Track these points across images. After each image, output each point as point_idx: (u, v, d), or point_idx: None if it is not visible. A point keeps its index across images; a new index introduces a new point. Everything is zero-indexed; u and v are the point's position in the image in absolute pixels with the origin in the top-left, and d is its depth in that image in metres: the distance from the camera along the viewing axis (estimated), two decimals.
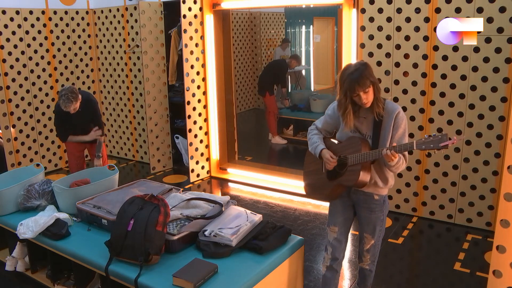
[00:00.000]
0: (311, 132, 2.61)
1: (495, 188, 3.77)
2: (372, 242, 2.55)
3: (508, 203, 2.24)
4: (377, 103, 2.31)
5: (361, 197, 2.49)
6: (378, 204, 2.48)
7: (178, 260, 2.44)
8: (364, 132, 2.41)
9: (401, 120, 2.34)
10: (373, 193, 2.46)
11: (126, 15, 5.83)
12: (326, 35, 7.68)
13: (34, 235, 2.83)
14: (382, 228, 2.55)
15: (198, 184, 5.35)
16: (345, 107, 2.33)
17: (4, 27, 5.27)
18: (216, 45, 5.28)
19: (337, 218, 2.56)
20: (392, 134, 2.33)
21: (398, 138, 2.33)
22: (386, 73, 4.05)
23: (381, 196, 2.48)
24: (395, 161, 2.25)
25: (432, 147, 2.13)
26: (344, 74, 2.27)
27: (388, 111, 2.35)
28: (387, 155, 2.21)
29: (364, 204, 2.49)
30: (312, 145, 2.54)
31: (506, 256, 2.28)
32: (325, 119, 2.56)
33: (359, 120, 2.40)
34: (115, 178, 3.41)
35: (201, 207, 2.81)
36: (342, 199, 2.55)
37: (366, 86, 2.22)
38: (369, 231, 2.53)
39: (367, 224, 2.52)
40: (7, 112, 5.35)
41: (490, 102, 3.65)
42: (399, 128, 2.33)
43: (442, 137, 2.11)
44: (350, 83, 2.22)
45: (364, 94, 2.24)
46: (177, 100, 5.72)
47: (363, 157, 2.30)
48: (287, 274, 2.57)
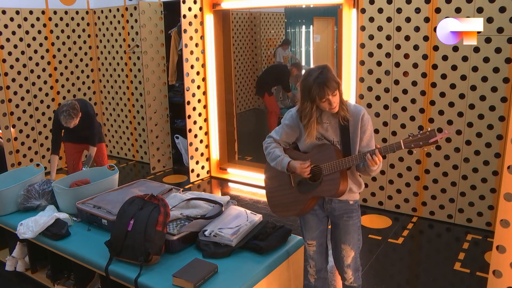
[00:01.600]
0: (269, 146, 2.40)
1: (495, 188, 3.77)
2: (353, 254, 2.41)
3: (508, 203, 2.24)
4: (342, 106, 2.20)
5: (336, 206, 2.36)
6: (354, 209, 2.38)
7: (178, 260, 2.44)
8: (331, 138, 2.27)
9: (367, 122, 2.24)
10: (348, 199, 2.36)
11: (126, 15, 5.83)
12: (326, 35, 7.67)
13: (34, 235, 2.83)
14: (360, 237, 2.43)
15: (198, 184, 5.35)
16: (310, 115, 2.18)
17: (4, 27, 5.27)
18: (216, 45, 5.28)
19: (313, 232, 2.45)
20: (361, 137, 2.24)
21: (367, 141, 2.25)
22: (386, 73, 4.05)
23: (355, 201, 2.39)
24: (378, 165, 2.17)
25: (422, 144, 2.05)
26: (308, 79, 2.12)
27: (353, 114, 2.23)
28: (371, 160, 2.12)
29: (340, 212, 2.37)
30: (275, 159, 2.33)
31: (506, 256, 2.28)
32: (284, 130, 2.37)
33: (323, 126, 2.26)
34: (115, 178, 3.41)
35: (201, 207, 2.81)
36: (314, 212, 2.41)
37: (334, 88, 2.11)
38: (348, 241, 2.39)
39: (346, 234, 2.38)
40: (7, 112, 5.35)
41: (490, 102, 3.65)
42: (367, 130, 2.24)
43: (430, 133, 2.03)
44: (319, 87, 2.08)
45: (333, 98, 2.12)
46: (177, 100, 5.72)
47: (341, 165, 2.18)
48: (287, 274, 2.56)
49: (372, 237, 3.84)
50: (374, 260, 3.47)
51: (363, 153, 2.15)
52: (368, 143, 2.26)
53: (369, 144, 2.26)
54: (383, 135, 4.19)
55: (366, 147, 2.25)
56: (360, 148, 2.25)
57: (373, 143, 2.28)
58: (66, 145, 4.28)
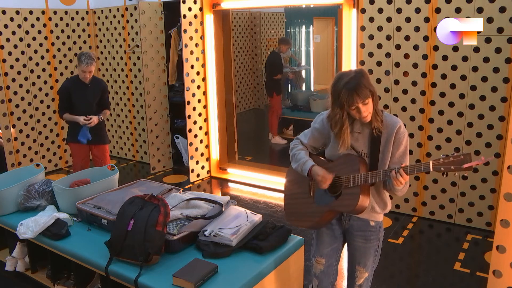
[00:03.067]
0: (295, 148, 2.26)
1: (495, 188, 3.77)
2: (366, 276, 2.24)
3: (508, 203, 2.24)
4: (376, 116, 2.03)
5: (354, 223, 2.18)
6: (374, 231, 2.18)
7: (178, 260, 2.44)
8: (359, 149, 2.10)
9: (402, 136, 2.05)
10: (369, 219, 2.16)
11: (126, 15, 5.83)
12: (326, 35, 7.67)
13: (34, 235, 2.83)
14: (376, 259, 2.26)
15: (198, 184, 5.35)
16: (342, 123, 2.02)
17: (4, 27, 5.27)
18: (216, 45, 5.28)
19: (324, 248, 2.26)
20: (392, 152, 2.05)
21: (399, 157, 2.05)
22: (386, 73, 4.05)
23: (377, 222, 2.19)
24: (404, 185, 1.97)
25: (453, 168, 1.84)
26: (339, 84, 1.95)
27: (388, 126, 2.05)
28: (396, 178, 1.91)
29: (358, 232, 2.19)
30: (298, 161, 2.19)
31: (506, 256, 2.28)
32: (312, 134, 2.23)
33: (353, 136, 2.09)
34: (115, 178, 3.41)
35: (201, 207, 2.81)
36: (331, 227, 2.24)
37: (365, 96, 1.93)
38: (363, 263, 2.21)
39: (361, 256, 2.21)
40: (7, 112, 5.35)
41: (490, 102, 3.65)
42: (400, 146, 2.05)
43: (465, 157, 1.83)
44: (348, 94, 1.91)
45: (364, 106, 1.95)
46: (177, 100, 5.72)
47: (363, 179, 2.00)
48: (287, 274, 2.56)
49: None
50: None
51: (387, 170, 1.96)
52: (401, 160, 2.05)
53: (401, 161, 2.05)
54: None
55: (398, 164, 2.03)
56: (391, 164, 2.05)
57: (407, 160, 2.07)
58: (73, 146, 4.25)
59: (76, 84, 4.10)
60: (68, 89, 4.08)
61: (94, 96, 4.18)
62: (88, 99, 4.14)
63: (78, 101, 4.11)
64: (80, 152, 4.25)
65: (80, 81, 4.10)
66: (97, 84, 4.23)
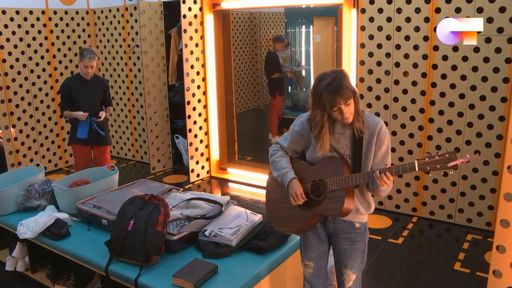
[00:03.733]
0: (275, 154, 2.22)
1: (495, 188, 3.77)
2: (354, 278, 2.22)
3: (508, 203, 2.24)
4: (357, 116, 1.99)
5: (340, 226, 2.15)
6: (359, 233, 2.16)
7: (178, 260, 2.44)
8: (341, 151, 2.07)
9: (384, 136, 2.02)
10: (354, 221, 2.14)
11: (126, 15, 5.83)
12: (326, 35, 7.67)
13: (34, 235, 2.83)
14: (364, 260, 2.24)
15: (198, 184, 5.35)
16: (322, 125, 1.98)
17: (4, 27, 5.27)
18: (216, 45, 5.28)
19: (312, 252, 2.25)
20: (375, 152, 2.03)
21: (381, 157, 2.03)
22: (386, 73, 4.05)
23: (362, 224, 2.17)
24: (388, 185, 1.96)
25: (439, 167, 1.83)
26: (320, 85, 1.91)
27: (369, 126, 2.02)
28: (381, 179, 1.90)
29: (343, 235, 2.16)
30: (279, 170, 2.15)
31: (506, 256, 2.28)
32: (293, 137, 2.18)
33: (335, 137, 2.06)
34: (115, 178, 3.41)
35: (201, 207, 2.81)
36: (316, 231, 2.21)
37: (348, 97, 1.90)
38: (350, 266, 2.19)
39: (347, 258, 2.19)
40: (7, 112, 5.35)
41: (490, 102, 3.65)
42: (382, 146, 2.03)
43: (450, 155, 1.81)
44: (331, 95, 1.88)
45: (346, 107, 1.92)
46: (177, 100, 5.72)
47: (347, 182, 1.97)
48: (287, 274, 2.56)
49: (372, 237, 3.83)
50: (374, 260, 3.46)
51: (372, 171, 1.94)
52: (383, 160, 2.03)
53: (383, 161, 2.03)
54: None
55: (380, 164, 2.03)
56: (373, 165, 2.04)
57: (389, 161, 2.06)
58: (76, 147, 4.24)
59: (77, 82, 4.10)
60: (69, 87, 4.07)
61: (96, 94, 4.18)
62: (90, 96, 4.13)
63: (80, 99, 4.09)
64: (83, 153, 4.24)
65: (82, 79, 4.10)
66: (99, 81, 4.23)
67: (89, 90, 4.13)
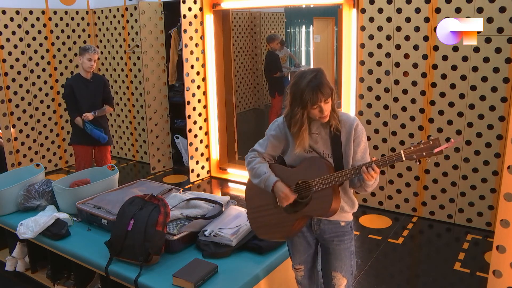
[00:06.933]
0: (253, 161, 2.16)
1: (495, 188, 3.77)
2: (345, 283, 2.18)
3: (508, 203, 2.24)
4: (333, 114, 1.98)
5: (325, 227, 2.13)
6: (346, 231, 2.14)
7: (178, 260, 2.44)
8: (320, 151, 2.05)
9: (361, 133, 2.03)
10: (339, 220, 2.12)
11: (126, 15, 5.83)
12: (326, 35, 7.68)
13: (34, 235, 2.83)
14: (353, 263, 2.20)
15: (198, 184, 5.35)
16: (301, 123, 1.95)
17: (4, 27, 5.27)
18: (216, 45, 5.28)
19: (301, 256, 2.24)
20: (354, 149, 2.03)
21: (361, 154, 2.04)
22: (386, 73, 4.05)
23: (348, 222, 2.15)
24: (375, 179, 1.95)
25: (425, 155, 1.85)
26: (300, 83, 1.90)
27: (345, 124, 2.02)
28: (367, 173, 1.89)
29: (330, 235, 2.14)
30: (260, 176, 2.09)
31: (506, 256, 2.28)
32: (270, 142, 2.13)
33: (312, 137, 2.04)
34: (115, 178, 3.41)
35: (201, 207, 2.81)
36: (302, 235, 2.19)
37: (328, 95, 1.90)
38: (339, 267, 2.15)
39: (336, 259, 2.15)
40: (7, 112, 5.35)
41: (490, 102, 3.65)
42: (361, 142, 2.03)
43: (434, 142, 1.84)
44: (313, 93, 1.86)
45: (326, 105, 1.91)
46: (177, 100, 5.73)
47: (333, 180, 1.96)
48: (287, 274, 2.56)
49: (372, 237, 3.84)
50: (374, 260, 3.47)
51: (358, 166, 1.92)
52: (363, 156, 2.05)
53: (364, 157, 2.05)
54: (383, 135, 4.19)
55: (361, 161, 2.05)
56: (354, 162, 2.04)
57: (368, 156, 2.08)
58: (77, 147, 4.23)
59: (79, 82, 4.09)
60: (72, 87, 4.06)
61: (97, 93, 4.17)
62: (91, 96, 4.13)
63: (82, 99, 4.09)
64: (84, 153, 4.24)
65: (83, 79, 4.09)
66: (98, 79, 4.23)
67: (91, 90, 4.12)
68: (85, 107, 4.09)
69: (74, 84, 4.08)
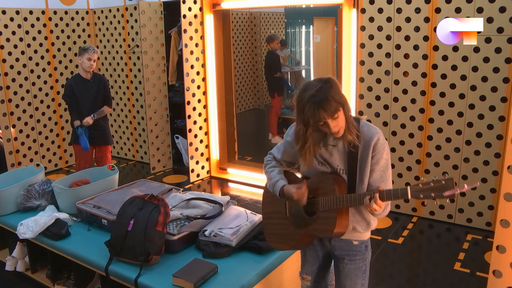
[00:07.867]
0: (268, 164, 2.08)
1: (495, 188, 3.77)
2: None
3: (508, 203, 2.24)
4: (349, 128, 1.77)
5: (336, 244, 2.00)
6: (359, 250, 1.98)
7: (178, 260, 2.44)
8: (335, 165, 1.87)
9: (382, 149, 1.81)
10: (352, 239, 1.97)
11: (126, 15, 5.83)
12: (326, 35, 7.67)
13: (34, 235, 2.83)
14: (364, 282, 2.05)
15: (198, 184, 5.35)
16: (304, 140, 1.78)
17: (4, 27, 5.27)
18: (216, 45, 5.28)
19: (309, 267, 2.13)
20: (372, 168, 1.82)
21: (380, 173, 1.83)
22: (386, 73, 4.05)
23: (362, 241, 1.98)
24: (381, 210, 1.75)
25: (433, 196, 1.61)
26: (304, 95, 1.71)
27: (364, 138, 1.81)
28: (370, 205, 1.71)
29: (341, 252, 2.00)
30: (270, 180, 2.01)
31: (506, 256, 2.28)
32: (285, 148, 2.02)
33: (328, 149, 1.87)
34: (115, 178, 3.41)
35: (201, 207, 2.81)
36: (313, 248, 2.08)
37: (334, 111, 1.69)
38: (349, 286, 2.02)
39: (346, 278, 2.01)
40: (7, 112, 5.35)
41: (490, 102, 3.65)
42: (381, 160, 1.81)
43: (446, 183, 1.59)
44: (314, 109, 1.67)
45: (334, 121, 1.72)
46: (177, 100, 5.72)
47: (337, 203, 1.79)
48: (287, 274, 2.56)
49: (372, 237, 3.82)
50: (374, 260, 3.46)
51: (362, 194, 1.76)
52: (382, 176, 1.83)
53: (383, 177, 1.83)
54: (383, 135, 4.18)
55: (379, 181, 1.83)
56: (371, 181, 1.83)
57: (389, 176, 1.85)
58: (77, 147, 4.20)
59: (79, 83, 4.10)
60: (73, 88, 4.06)
61: (97, 93, 4.17)
62: (91, 97, 4.13)
63: (82, 99, 4.09)
64: (84, 153, 4.24)
65: (83, 79, 4.09)
66: (98, 79, 4.23)
67: (91, 90, 4.12)
68: (86, 107, 4.09)
69: (74, 84, 4.08)
